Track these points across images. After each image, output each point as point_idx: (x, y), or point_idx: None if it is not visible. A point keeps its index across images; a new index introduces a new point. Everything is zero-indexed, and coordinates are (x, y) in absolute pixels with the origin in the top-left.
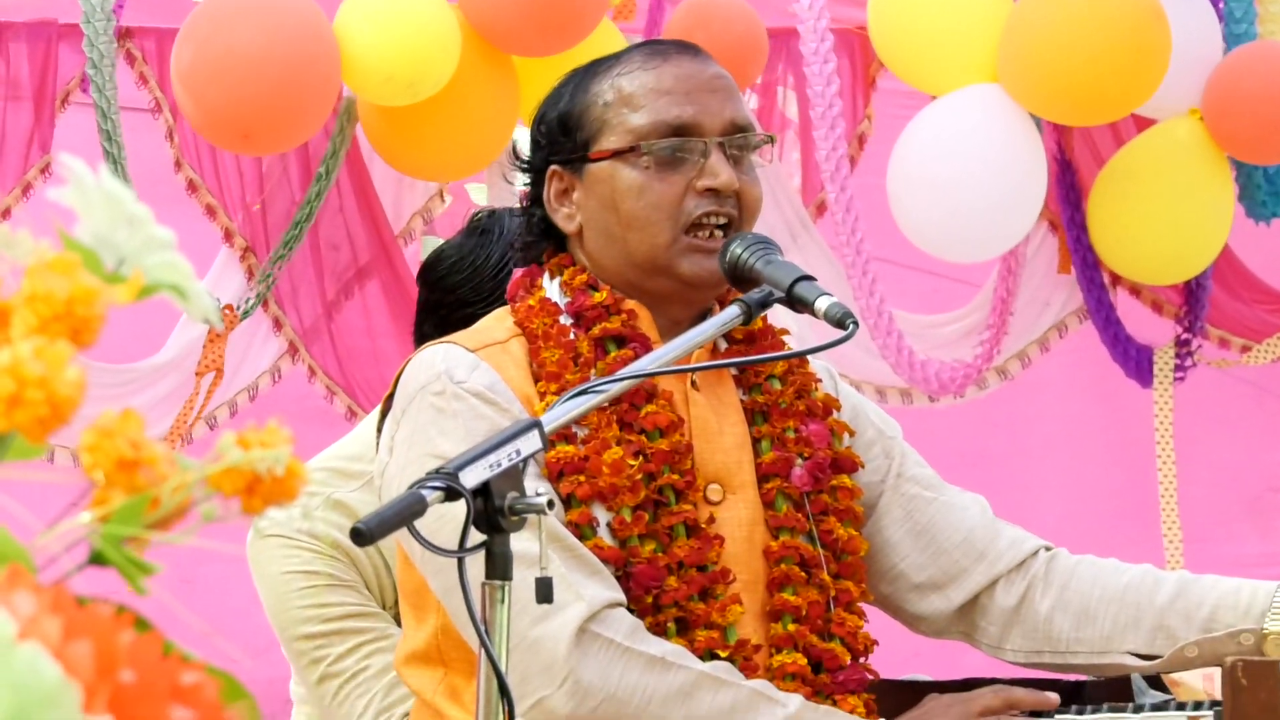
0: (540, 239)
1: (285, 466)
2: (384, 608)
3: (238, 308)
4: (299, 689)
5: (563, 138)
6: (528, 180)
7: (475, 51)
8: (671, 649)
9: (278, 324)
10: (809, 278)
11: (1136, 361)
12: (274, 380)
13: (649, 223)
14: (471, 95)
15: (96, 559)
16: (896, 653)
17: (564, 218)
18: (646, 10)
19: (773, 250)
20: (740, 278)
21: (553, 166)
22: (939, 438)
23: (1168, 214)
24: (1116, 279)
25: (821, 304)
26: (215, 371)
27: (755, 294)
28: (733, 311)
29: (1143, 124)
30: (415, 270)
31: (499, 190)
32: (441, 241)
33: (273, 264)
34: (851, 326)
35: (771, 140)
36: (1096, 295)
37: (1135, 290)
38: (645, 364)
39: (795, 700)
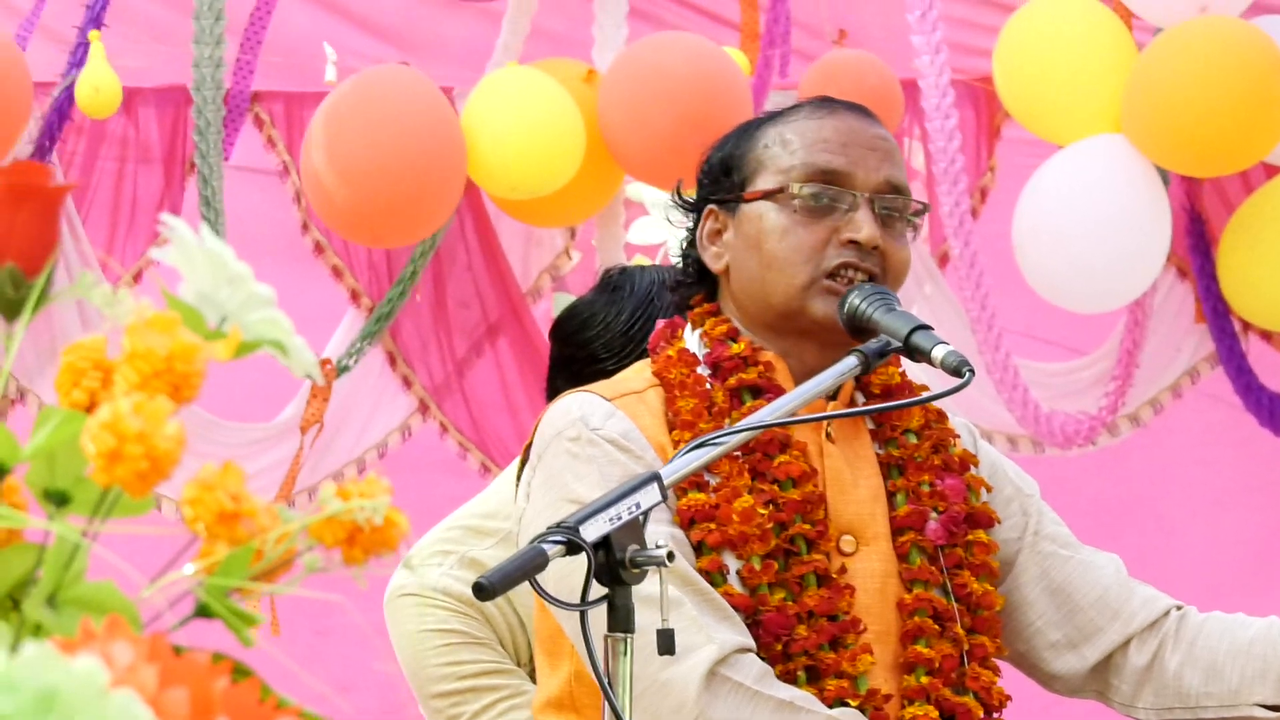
0: (691, 281)
1: (384, 516)
2: (518, 664)
3: (339, 362)
4: None
5: (723, 177)
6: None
7: (596, 155)
8: (800, 694)
9: (407, 382)
10: (926, 327)
11: (1270, 410)
12: (404, 438)
13: (788, 264)
14: (585, 176)
15: (202, 611)
16: (1029, 708)
17: (712, 256)
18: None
19: (891, 300)
20: (858, 328)
21: (709, 206)
22: (1073, 485)
23: None
24: (1248, 325)
25: (938, 353)
26: (318, 425)
27: (873, 344)
28: (850, 362)
29: (1272, 171)
30: (546, 327)
31: (606, 247)
32: (573, 298)
33: (376, 322)
34: (968, 374)
35: (926, 209)
36: (1228, 344)
37: (1266, 335)
38: (765, 415)
39: None
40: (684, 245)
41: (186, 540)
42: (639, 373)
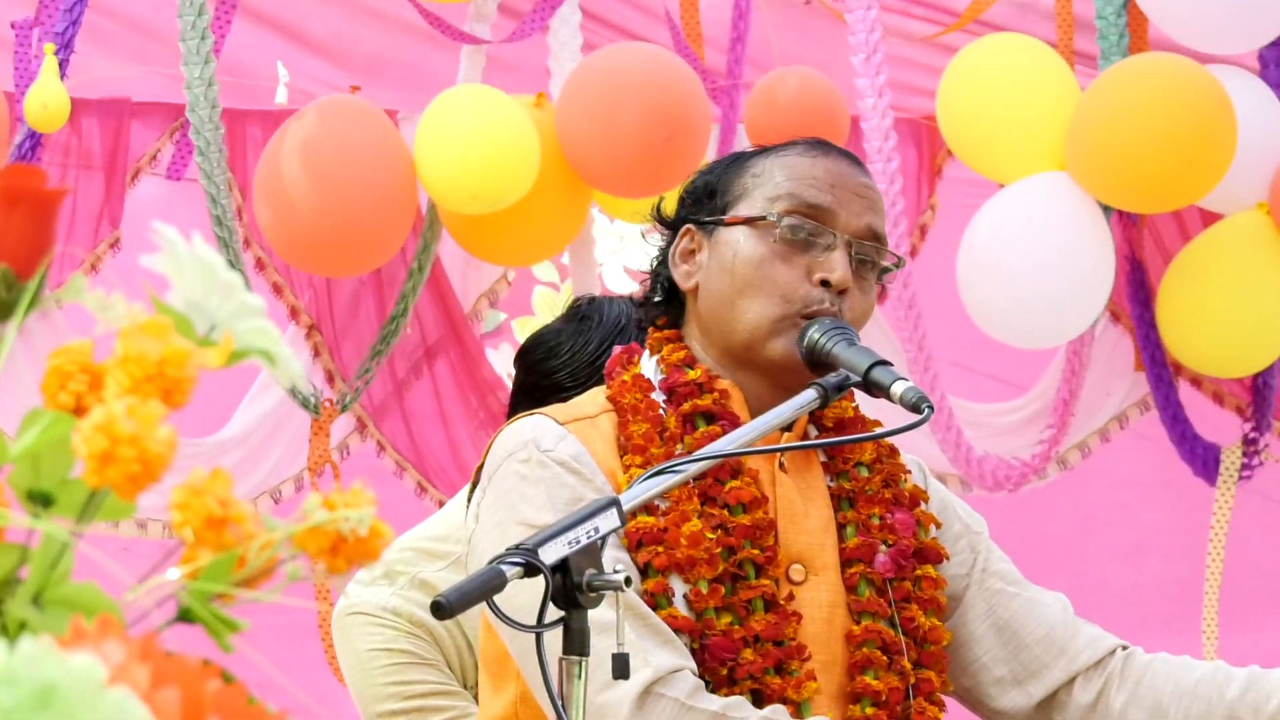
0: (659, 301)
1: (369, 527)
2: (465, 687)
3: (337, 401)
4: None
5: (706, 199)
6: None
7: (554, 164)
8: (732, 701)
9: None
10: (885, 362)
11: (1204, 460)
12: (342, 457)
13: (759, 294)
14: (549, 199)
15: (184, 615)
16: None
17: (683, 274)
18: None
19: (851, 335)
20: (817, 362)
21: (687, 225)
22: (997, 525)
23: (1235, 308)
24: (1178, 369)
25: (897, 388)
26: (330, 464)
27: (832, 378)
28: (809, 395)
29: (1210, 219)
30: (483, 349)
31: (579, 269)
32: (503, 316)
33: (372, 358)
34: (927, 411)
35: (900, 264)
36: (1165, 393)
37: (1196, 381)
38: (724, 444)
39: None
40: (655, 263)
41: (171, 546)
42: (593, 398)
